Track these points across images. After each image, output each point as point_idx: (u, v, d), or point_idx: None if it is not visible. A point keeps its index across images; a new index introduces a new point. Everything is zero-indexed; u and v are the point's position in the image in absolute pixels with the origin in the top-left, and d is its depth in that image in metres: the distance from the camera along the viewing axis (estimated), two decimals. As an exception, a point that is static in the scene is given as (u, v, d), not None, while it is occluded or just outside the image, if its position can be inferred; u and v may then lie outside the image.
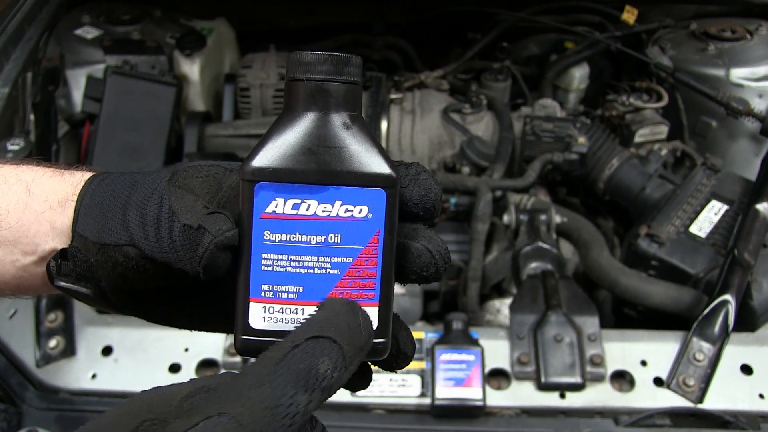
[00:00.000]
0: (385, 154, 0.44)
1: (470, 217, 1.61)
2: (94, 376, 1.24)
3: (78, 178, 0.49)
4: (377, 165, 0.43)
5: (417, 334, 1.27)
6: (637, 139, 1.79)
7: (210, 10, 2.08)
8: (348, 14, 2.19)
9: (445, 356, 1.22)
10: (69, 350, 1.26)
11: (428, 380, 1.20)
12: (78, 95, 1.72)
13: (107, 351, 1.27)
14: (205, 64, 1.88)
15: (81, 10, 1.92)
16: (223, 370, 1.24)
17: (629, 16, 1.88)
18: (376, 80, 1.84)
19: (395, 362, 0.47)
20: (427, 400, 1.19)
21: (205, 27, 1.97)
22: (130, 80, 1.68)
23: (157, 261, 0.44)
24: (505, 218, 1.61)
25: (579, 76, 1.89)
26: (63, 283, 0.48)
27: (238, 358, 1.23)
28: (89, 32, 1.84)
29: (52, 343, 1.26)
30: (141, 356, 1.26)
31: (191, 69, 1.85)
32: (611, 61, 2.07)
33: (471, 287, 1.51)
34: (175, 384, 0.37)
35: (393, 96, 1.84)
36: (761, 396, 1.19)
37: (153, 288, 0.46)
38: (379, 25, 2.16)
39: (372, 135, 0.44)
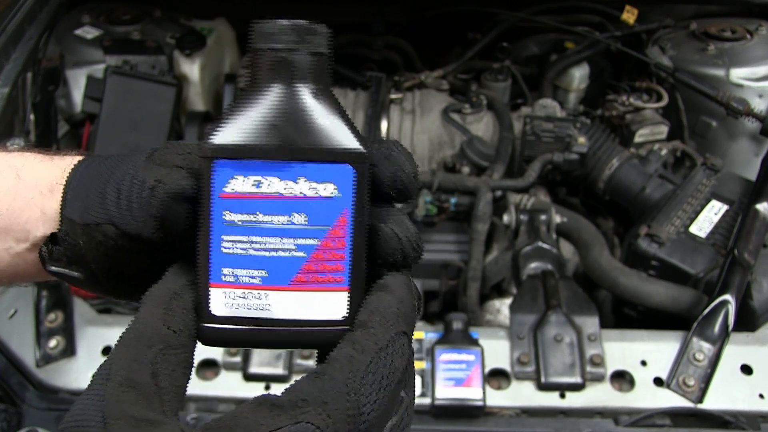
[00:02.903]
0: (354, 128, 0.41)
1: (470, 217, 1.61)
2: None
3: (67, 163, 0.49)
4: (345, 139, 0.40)
5: (417, 335, 1.27)
6: (637, 139, 1.79)
7: (210, 10, 2.08)
8: (348, 14, 2.19)
9: (445, 356, 1.22)
10: (69, 350, 1.26)
11: (428, 380, 1.20)
12: (78, 95, 1.72)
13: (107, 351, 1.27)
14: (205, 64, 1.88)
15: (81, 10, 1.92)
16: (223, 371, 1.24)
17: (629, 16, 1.88)
18: (376, 80, 1.84)
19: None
20: (426, 400, 1.19)
21: (205, 27, 1.97)
22: (130, 80, 1.68)
23: (132, 235, 0.43)
24: (505, 218, 1.61)
25: (579, 76, 1.89)
26: (55, 268, 0.47)
27: (238, 358, 1.23)
28: (89, 32, 1.84)
29: (52, 343, 1.26)
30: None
31: (191, 69, 1.85)
32: (611, 61, 2.07)
33: (471, 287, 1.52)
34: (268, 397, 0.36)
35: (393, 96, 1.84)
36: (761, 396, 1.19)
37: (137, 269, 0.46)
38: (379, 25, 2.16)
39: (340, 108, 0.41)
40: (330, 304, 0.41)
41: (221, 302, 0.40)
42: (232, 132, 0.39)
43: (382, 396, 0.36)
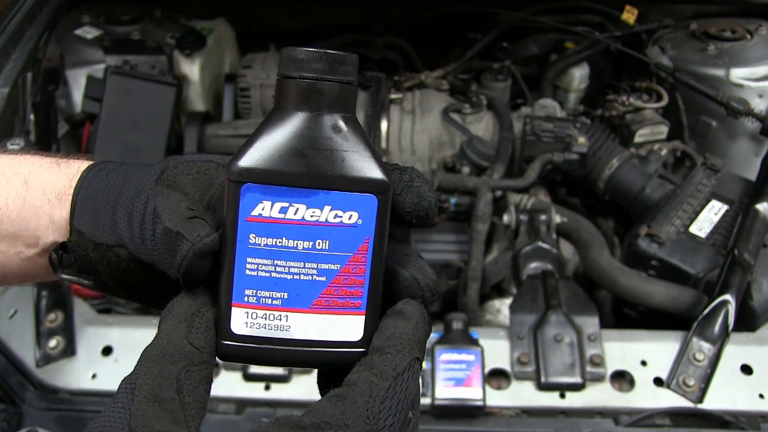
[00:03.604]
0: (378, 158, 0.42)
1: (470, 217, 1.61)
2: (94, 376, 1.24)
3: (74, 170, 0.49)
4: (369, 170, 0.41)
5: (417, 334, 1.27)
6: (637, 139, 1.79)
7: (210, 10, 2.08)
8: (348, 14, 2.19)
9: (445, 356, 1.22)
10: (69, 350, 1.26)
11: (428, 380, 1.20)
12: (78, 95, 1.72)
13: (107, 351, 1.27)
14: (205, 64, 1.88)
15: (81, 10, 1.93)
16: (223, 371, 1.24)
17: (629, 16, 1.87)
18: (376, 80, 1.84)
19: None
20: (427, 400, 1.19)
21: (205, 27, 1.97)
22: (130, 80, 1.68)
23: (145, 262, 0.44)
24: (505, 218, 1.61)
25: (579, 76, 1.89)
26: (66, 276, 0.48)
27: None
28: (89, 32, 1.84)
29: (52, 343, 1.26)
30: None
31: (191, 69, 1.85)
32: (611, 61, 2.07)
33: (471, 287, 1.52)
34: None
35: (393, 96, 1.84)
36: (761, 396, 1.19)
37: (148, 283, 0.47)
38: (379, 25, 2.16)
39: (366, 138, 0.42)
40: (346, 328, 0.42)
41: (242, 321, 0.41)
42: (260, 156, 0.40)
43: (397, 420, 0.38)
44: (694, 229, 1.50)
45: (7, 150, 0.53)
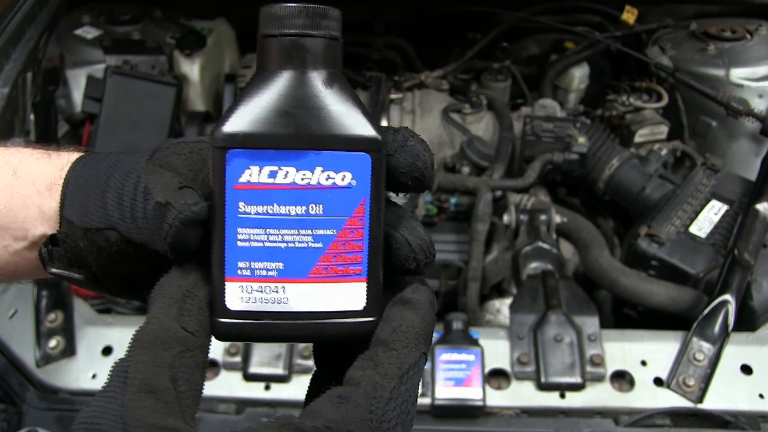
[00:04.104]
0: (369, 115, 0.39)
1: (470, 217, 1.61)
2: (94, 376, 1.24)
3: (64, 160, 0.48)
4: (361, 127, 0.38)
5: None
6: (637, 139, 1.79)
7: (210, 10, 2.08)
8: (348, 14, 2.19)
9: (445, 356, 1.22)
10: (69, 350, 1.26)
11: (428, 380, 1.20)
12: (78, 95, 1.72)
13: (107, 351, 1.27)
14: (205, 64, 1.88)
15: (81, 10, 1.93)
16: (222, 370, 1.24)
17: (629, 16, 1.88)
18: (376, 80, 1.84)
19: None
20: (426, 400, 1.19)
21: (205, 27, 1.97)
22: (130, 80, 1.68)
23: (136, 243, 0.43)
24: (505, 218, 1.61)
25: (579, 76, 1.89)
26: (55, 270, 0.46)
27: (238, 358, 1.23)
28: (89, 32, 1.84)
29: (52, 343, 1.26)
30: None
31: (191, 69, 1.85)
32: (611, 61, 2.07)
33: (471, 287, 1.52)
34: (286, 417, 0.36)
35: (393, 96, 1.84)
36: (761, 396, 1.19)
37: (139, 270, 0.45)
38: (379, 25, 2.16)
39: (354, 95, 0.40)
40: (348, 296, 0.40)
41: (237, 296, 0.39)
42: (245, 120, 0.38)
43: (401, 420, 0.37)
44: (694, 229, 1.50)
45: None
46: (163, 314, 0.38)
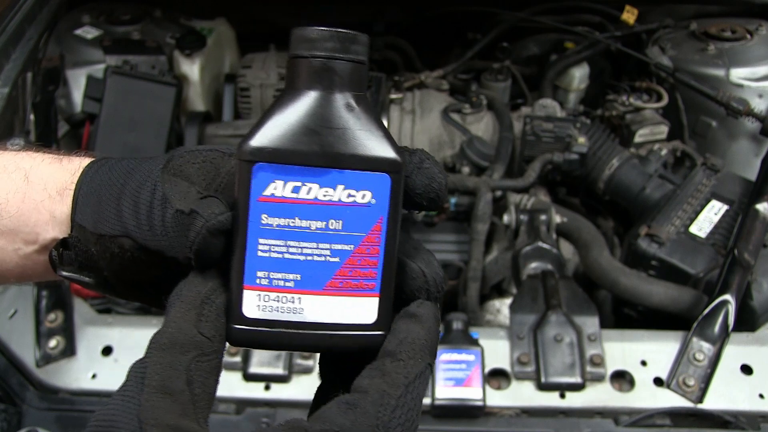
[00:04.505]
0: (390, 137, 0.41)
1: (470, 217, 1.61)
2: (94, 376, 1.24)
3: (76, 165, 0.48)
4: (382, 149, 0.40)
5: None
6: (637, 139, 1.79)
7: (210, 10, 2.08)
8: (348, 14, 2.19)
9: (445, 356, 1.22)
10: (69, 350, 1.26)
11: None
12: (78, 95, 1.72)
13: (107, 351, 1.27)
14: (205, 64, 1.88)
15: (81, 10, 1.93)
16: (222, 370, 1.24)
17: (629, 16, 1.88)
18: (376, 80, 1.84)
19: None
20: (427, 400, 1.19)
21: (205, 27, 1.97)
22: (130, 80, 1.68)
23: (151, 250, 0.43)
24: (505, 218, 1.61)
25: (579, 76, 1.89)
26: (66, 273, 0.47)
27: (238, 358, 1.23)
28: (89, 32, 1.84)
29: (52, 343, 1.26)
30: (141, 356, 1.26)
31: (191, 69, 1.85)
32: (611, 61, 2.07)
33: (471, 287, 1.52)
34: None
35: (393, 96, 1.84)
36: (761, 396, 1.19)
37: (152, 277, 0.46)
38: (379, 25, 2.16)
39: (378, 117, 0.42)
40: (360, 310, 0.42)
41: (254, 304, 0.41)
42: (272, 135, 0.39)
43: (406, 428, 0.38)
44: (694, 229, 1.50)
45: (9, 148, 0.53)
46: (182, 319, 0.39)
